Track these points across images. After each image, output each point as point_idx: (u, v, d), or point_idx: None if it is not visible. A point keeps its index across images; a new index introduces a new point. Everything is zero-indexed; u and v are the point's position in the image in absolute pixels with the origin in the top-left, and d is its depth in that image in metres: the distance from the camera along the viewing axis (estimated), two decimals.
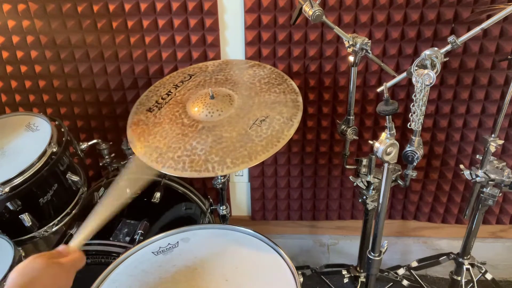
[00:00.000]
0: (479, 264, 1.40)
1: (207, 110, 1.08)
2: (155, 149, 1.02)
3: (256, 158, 0.96)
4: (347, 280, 1.49)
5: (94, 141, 1.36)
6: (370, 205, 1.29)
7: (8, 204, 1.09)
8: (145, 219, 1.26)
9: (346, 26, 1.34)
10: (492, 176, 1.20)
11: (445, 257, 1.49)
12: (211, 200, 1.55)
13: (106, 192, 0.92)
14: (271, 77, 1.18)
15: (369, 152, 1.51)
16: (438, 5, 1.30)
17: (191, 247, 1.05)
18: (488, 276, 1.43)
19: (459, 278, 1.40)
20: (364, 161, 1.24)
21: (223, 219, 1.42)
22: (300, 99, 1.09)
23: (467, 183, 1.60)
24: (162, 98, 1.17)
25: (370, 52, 1.08)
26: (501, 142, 1.17)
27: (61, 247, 0.80)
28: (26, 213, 1.13)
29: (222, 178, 1.31)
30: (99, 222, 0.87)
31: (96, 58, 1.45)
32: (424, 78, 0.85)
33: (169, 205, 1.40)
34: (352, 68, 1.15)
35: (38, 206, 1.16)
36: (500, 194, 1.24)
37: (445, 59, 0.94)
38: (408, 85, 1.45)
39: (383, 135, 0.92)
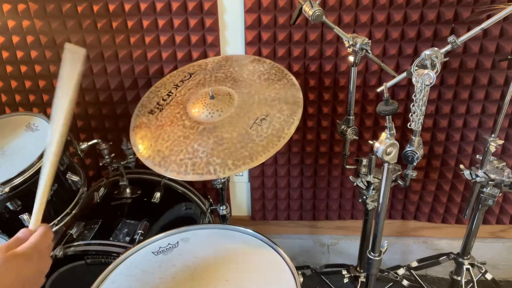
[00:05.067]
0: (479, 264, 1.40)
1: (207, 111, 1.08)
2: (157, 153, 1.02)
3: (257, 158, 0.96)
4: (347, 280, 1.49)
5: (94, 141, 1.36)
6: (370, 205, 1.29)
7: (8, 204, 1.09)
8: (145, 219, 1.26)
9: (346, 26, 1.34)
10: (492, 176, 1.20)
11: (445, 257, 1.49)
12: (211, 200, 1.55)
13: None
14: (271, 72, 1.17)
15: (369, 152, 1.51)
16: (438, 5, 1.30)
17: (191, 247, 1.05)
18: (488, 276, 1.43)
19: (459, 278, 1.40)
20: (364, 161, 1.24)
21: (223, 219, 1.42)
22: (300, 94, 1.09)
23: (467, 183, 1.60)
24: (163, 99, 1.17)
25: (370, 52, 1.08)
26: (501, 142, 1.17)
27: (20, 233, 0.70)
28: (26, 213, 1.13)
29: (222, 178, 1.31)
30: (49, 187, 0.78)
31: (96, 58, 1.45)
32: (424, 78, 0.85)
33: (169, 205, 1.40)
34: (352, 68, 1.15)
35: None
36: (500, 194, 1.24)
37: (445, 59, 0.94)
38: (408, 85, 1.45)
39: (383, 135, 0.92)
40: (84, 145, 1.34)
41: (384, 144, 0.90)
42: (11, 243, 0.68)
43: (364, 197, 1.29)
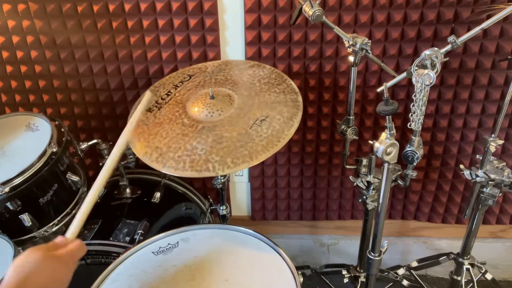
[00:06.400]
0: (479, 264, 1.40)
1: (207, 110, 1.08)
2: (155, 149, 1.02)
3: (257, 157, 0.96)
4: (347, 280, 1.49)
5: (94, 141, 1.36)
6: (370, 205, 1.29)
7: (8, 204, 1.09)
8: (145, 219, 1.26)
9: (346, 26, 1.34)
10: (492, 176, 1.20)
11: (445, 257, 1.49)
12: (211, 200, 1.55)
13: (98, 176, 0.93)
14: (271, 77, 1.18)
15: (369, 152, 1.51)
16: (438, 5, 1.30)
17: (191, 247, 1.05)
18: (488, 276, 1.43)
19: (459, 278, 1.40)
20: (364, 161, 1.24)
21: (223, 219, 1.42)
22: (300, 98, 1.09)
23: (467, 183, 1.60)
24: (162, 99, 1.17)
25: (370, 52, 1.08)
26: (501, 142, 1.17)
27: (59, 239, 0.79)
28: (26, 213, 1.13)
29: (222, 178, 1.31)
30: (91, 206, 0.87)
31: (96, 58, 1.45)
32: (424, 78, 0.86)
33: (169, 205, 1.40)
34: (352, 68, 1.15)
35: (38, 206, 1.15)
36: (500, 194, 1.24)
37: (445, 59, 0.94)
38: (408, 85, 1.45)
39: (383, 135, 0.92)
40: (84, 145, 1.34)
41: (384, 144, 0.90)
42: (50, 245, 0.75)
43: (364, 197, 1.29)
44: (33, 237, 1.18)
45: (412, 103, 0.89)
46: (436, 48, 0.91)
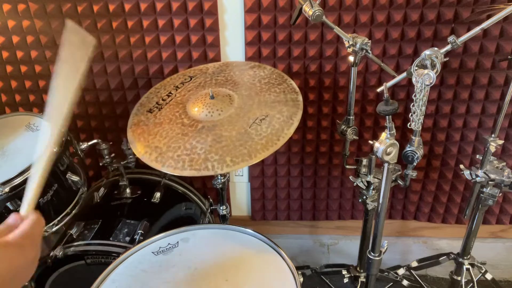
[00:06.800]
0: (479, 264, 1.40)
1: (207, 110, 1.08)
2: (154, 149, 1.02)
3: (256, 156, 0.96)
4: (347, 280, 1.49)
5: (94, 141, 1.36)
6: (370, 205, 1.29)
7: (8, 204, 1.09)
8: (145, 219, 1.26)
9: (346, 26, 1.34)
10: (492, 176, 1.20)
11: (445, 257, 1.49)
12: (211, 200, 1.56)
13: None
14: (271, 77, 1.18)
15: (369, 152, 1.51)
16: (438, 5, 1.30)
17: (191, 247, 1.05)
18: (488, 276, 1.43)
19: (459, 278, 1.40)
20: (364, 161, 1.24)
21: (223, 219, 1.42)
22: (300, 98, 1.09)
23: (467, 183, 1.60)
24: (163, 99, 1.18)
25: (370, 52, 1.08)
26: (501, 142, 1.17)
27: (11, 218, 0.66)
28: None
29: (222, 178, 1.31)
30: (46, 171, 0.73)
31: (96, 58, 1.45)
32: (424, 78, 0.86)
33: (169, 205, 1.40)
34: (352, 68, 1.15)
35: (38, 206, 1.14)
36: (500, 194, 1.24)
37: (445, 59, 0.94)
38: (408, 85, 1.45)
39: (383, 135, 0.92)
40: (84, 145, 1.34)
41: (384, 144, 0.90)
42: (1, 230, 0.63)
43: (364, 197, 1.29)
44: None
45: (412, 103, 0.89)
46: (436, 48, 0.91)
